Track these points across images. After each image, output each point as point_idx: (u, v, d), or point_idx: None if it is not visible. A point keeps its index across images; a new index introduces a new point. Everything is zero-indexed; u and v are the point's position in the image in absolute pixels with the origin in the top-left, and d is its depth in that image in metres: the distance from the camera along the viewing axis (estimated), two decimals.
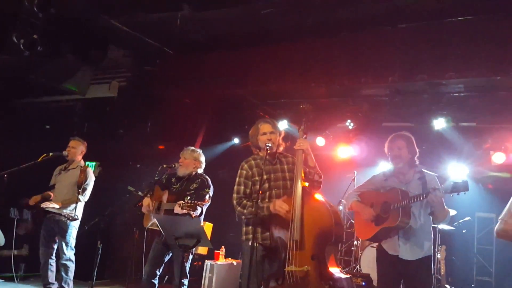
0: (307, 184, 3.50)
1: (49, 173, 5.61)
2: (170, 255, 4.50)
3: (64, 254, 5.14)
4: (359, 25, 5.68)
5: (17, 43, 5.32)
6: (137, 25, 6.33)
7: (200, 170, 4.76)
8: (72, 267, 5.21)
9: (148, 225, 4.60)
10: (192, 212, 4.10)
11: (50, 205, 5.10)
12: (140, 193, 5.04)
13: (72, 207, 5.17)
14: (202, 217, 4.51)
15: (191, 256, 4.56)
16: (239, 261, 6.48)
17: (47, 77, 7.23)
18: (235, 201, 3.63)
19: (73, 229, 5.20)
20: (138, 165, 7.44)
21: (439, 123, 6.77)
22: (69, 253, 5.18)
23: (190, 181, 4.63)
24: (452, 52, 5.35)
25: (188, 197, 4.25)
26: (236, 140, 8.58)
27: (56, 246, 5.23)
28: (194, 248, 3.94)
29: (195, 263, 6.75)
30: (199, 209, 4.24)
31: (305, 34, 6.03)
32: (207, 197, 4.45)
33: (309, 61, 6.25)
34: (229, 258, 6.66)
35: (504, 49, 5.09)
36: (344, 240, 8.03)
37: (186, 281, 4.40)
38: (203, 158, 4.78)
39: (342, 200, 7.52)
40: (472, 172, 7.22)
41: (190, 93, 7.35)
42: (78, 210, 5.22)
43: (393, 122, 8.05)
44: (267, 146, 3.53)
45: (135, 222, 4.89)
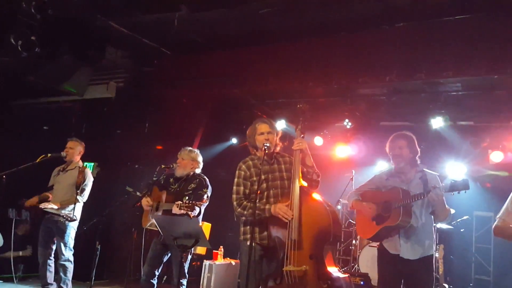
0: (305, 183, 3.51)
1: (48, 174, 5.61)
2: (169, 255, 4.51)
3: (63, 254, 5.14)
4: (356, 25, 5.69)
5: (15, 44, 5.33)
6: (134, 26, 6.34)
7: (198, 170, 4.76)
8: (70, 267, 5.21)
9: (146, 226, 4.61)
10: (190, 212, 4.11)
11: (49, 206, 5.10)
12: (138, 194, 5.05)
13: (71, 208, 5.17)
14: (200, 217, 4.52)
15: (189, 256, 4.56)
16: (237, 261, 6.48)
17: (45, 78, 7.23)
18: (235, 202, 3.63)
19: (72, 229, 5.20)
20: (136, 165, 7.44)
21: (437, 122, 6.77)
22: (68, 253, 5.18)
23: (188, 181, 4.63)
24: (450, 51, 5.36)
25: (186, 198, 4.25)
26: (234, 140, 8.59)
27: (54, 247, 5.23)
28: (192, 248, 3.95)
29: (193, 263, 6.75)
30: (197, 209, 4.24)
31: (303, 33, 6.03)
32: (205, 197, 4.45)
33: (307, 61, 6.26)
34: (228, 258, 6.66)
35: (501, 48, 5.10)
36: (342, 240, 8.05)
37: (184, 281, 4.40)
38: (201, 158, 4.79)
39: (341, 199, 7.54)
40: (470, 171, 7.24)
41: (188, 93, 7.36)
42: (77, 210, 5.22)
43: (391, 121, 8.06)
44: (265, 146, 3.53)
45: (134, 223, 4.89)
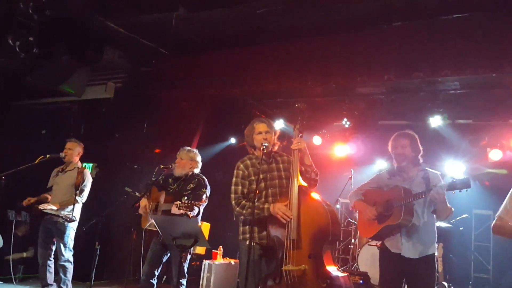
0: (304, 183, 3.51)
1: (47, 175, 5.61)
2: (168, 255, 4.51)
3: (62, 255, 5.14)
4: (354, 24, 5.69)
5: (12, 45, 5.32)
6: (132, 26, 6.33)
7: (197, 170, 4.76)
8: (70, 268, 5.21)
9: (146, 226, 4.60)
10: (189, 212, 4.11)
11: (48, 207, 5.11)
12: (137, 194, 5.05)
13: (70, 209, 5.18)
14: (199, 217, 4.52)
15: (189, 256, 4.57)
16: (237, 260, 6.48)
17: (43, 79, 7.24)
18: (233, 202, 3.63)
19: (71, 230, 5.20)
20: (135, 166, 7.44)
21: (436, 121, 6.79)
22: (67, 254, 5.18)
23: (187, 181, 4.63)
24: (448, 49, 5.36)
25: (185, 198, 4.25)
26: (233, 140, 8.58)
27: (54, 248, 5.24)
28: (192, 248, 3.95)
29: (193, 263, 6.76)
30: (196, 209, 4.24)
31: (301, 33, 6.04)
32: (204, 197, 4.46)
33: (305, 60, 6.26)
34: (227, 258, 6.67)
35: (499, 47, 5.11)
36: (341, 239, 8.05)
37: (184, 281, 4.41)
38: (200, 158, 4.79)
39: (340, 198, 7.55)
40: (469, 169, 7.25)
41: (186, 93, 7.36)
42: (76, 211, 5.22)
43: (389, 120, 8.08)
44: (264, 146, 3.53)
45: (133, 223, 4.89)
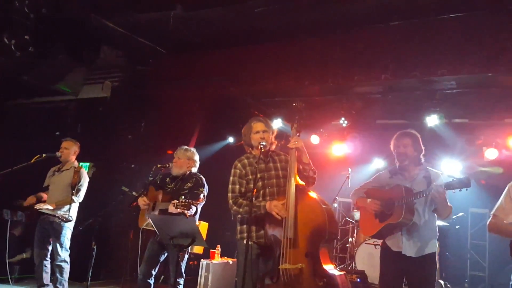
0: (301, 182, 3.51)
1: (43, 175, 5.59)
2: (166, 254, 4.50)
3: (59, 255, 5.12)
4: (352, 23, 5.71)
5: (8, 44, 5.30)
6: (129, 25, 6.32)
7: (195, 169, 4.75)
8: (67, 268, 5.19)
9: (143, 226, 4.60)
10: (186, 211, 4.10)
11: (44, 207, 5.08)
12: (134, 193, 5.03)
13: (66, 208, 5.15)
14: (197, 217, 4.51)
15: (186, 256, 4.56)
16: (235, 260, 6.48)
17: (39, 78, 7.21)
18: (231, 201, 3.63)
19: (68, 230, 5.18)
20: (133, 165, 7.43)
21: (432, 120, 6.80)
22: (64, 254, 5.16)
23: (184, 180, 4.63)
24: (444, 49, 5.38)
25: (182, 197, 4.24)
26: (231, 139, 8.58)
27: (50, 248, 5.21)
28: (189, 248, 3.94)
29: (190, 263, 6.76)
30: (193, 208, 4.24)
31: (299, 32, 6.04)
32: (201, 196, 4.45)
33: (303, 60, 6.27)
34: (225, 257, 6.67)
35: (495, 46, 5.13)
36: (338, 237, 8.07)
37: (181, 280, 4.41)
38: (197, 157, 4.78)
39: (337, 197, 7.56)
40: (465, 168, 7.28)
41: (184, 92, 7.34)
42: (72, 211, 5.20)
43: (386, 120, 8.10)
44: (261, 145, 3.53)
45: (130, 223, 4.88)
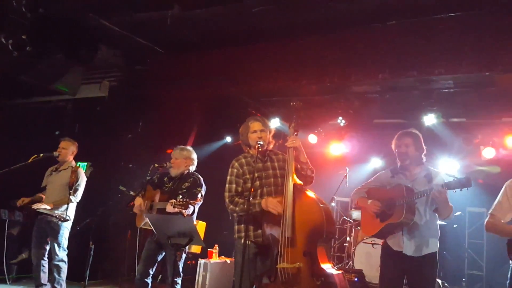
0: (299, 181, 3.51)
1: (41, 175, 5.58)
2: (163, 254, 4.50)
3: (57, 255, 5.11)
4: (349, 23, 5.70)
5: (5, 43, 5.29)
6: (127, 25, 6.30)
7: (193, 168, 4.74)
8: (64, 268, 5.18)
9: (140, 225, 4.59)
10: (184, 210, 4.09)
11: (42, 206, 5.08)
12: (131, 193, 5.03)
13: (64, 208, 5.15)
14: (194, 216, 4.51)
15: (184, 255, 4.55)
16: (232, 259, 6.48)
17: (37, 78, 7.19)
18: (227, 200, 3.65)
19: (65, 229, 5.18)
20: (130, 165, 7.42)
21: (430, 119, 6.81)
22: (62, 254, 5.15)
23: (182, 180, 4.62)
24: (442, 48, 5.39)
25: (180, 196, 4.24)
26: (229, 139, 8.58)
27: (48, 247, 5.20)
28: (187, 247, 3.94)
29: (188, 262, 6.75)
30: (191, 207, 4.23)
31: (296, 32, 6.04)
32: (199, 196, 4.44)
33: (300, 59, 6.27)
34: (223, 257, 6.67)
35: (492, 46, 5.13)
36: (336, 237, 8.08)
37: (179, 280, 4.40)
38: (195, 155, 4.77)
39: (335, 196, 7.58)
40: (463, 167, 7.30)
41: (182, 92, 7.33)
42: (70, 210, 5.20)
43: (384, 119, 8.11)
44: (259, 144, 3.53)
45: (128, 222, 4.88)
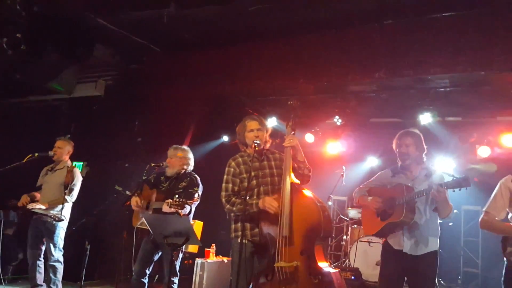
0: (296, 180, 3.52)
1: (36, 174, 5.55)
2: (160, 254, 4.49)
3: (52, 255, 5.09)
4: (346, 22, 5.71)
5: (0, 42, 5.25)
6: (123, 23, 6.28)
7: (190, 168, 4.73)
8: (60, 268, 5.16)
9: (137, 225, 4.58)
10: (180, 210, 4.09)
11: (37, 206, 5.05)
12: (128, 193, 5.01)
13: (59, 208, 5.11)
14: (191, 216, 4.50)
15: (181, 255, 4.55)
16: (229, 258, 6.47)
17: (32, 77, 7.15)
18: (224, 199, 3.64)
19: (61, 230, 5.15)
20: (126, 164, 7.39)
21: (426, 118, 6.83)
22: (57, 254, 5.13)
23: (179, 179, 4.61)
24: (438, 48, 5.41)
25: (176, 196, 4.23)
26: (225, 138, 8.57)
27: (44, 248, 5.18)
28: (184, 246, 3.93)
29: (185, 262, 6.74)
30: (187, 207, 4.23)
31: (293, 31, 6.04)
32: (196, 195, 4.44)
33: (297, 58, 6.27)
34: (220, 256, 6.66)
35: (488, 44, 5.16)
36: (333, 235, 8.09)
37: (176, 279, 4.40)
38: (191, 155, 4.76)
39: (331, 195, 7.59)
40: (459, 165, 7.32)
41: (178, 91, 7.32)
42: (65, 210, 5.17)
43: (380, 118, 8.13)
44: (255, 143, 3.53)
45: (124, 222, 4.86)
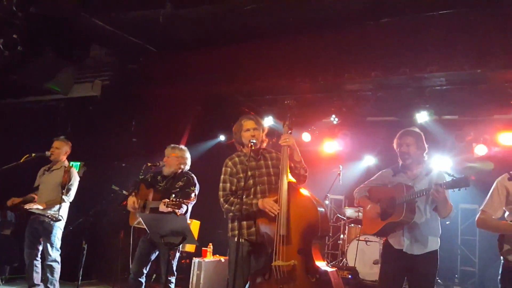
0: (293, 179, 3.52)
1: (34, 175, 5.54)
2: (157, 253, 4.49)
3: (49, 255, 5.09)
4: (342, 21, 5.71)
5: None
6: (119, 23, 6.27)
7: (186, 167, 4.73)
8: (57, 268, 5.16)
9: (134, 224, 4.58)
10: (177, 210, 4.09)
11: (34, 206, 5.05)
12: (124, 192, 5.01)
13: (56, 208, 5.12)
14: (188, 215, 4.50)
15: (177, 254, 4.55)
16: (227, 258, 6.47)
17: (28, 77, 7.14)
18: (221, 199, 3.65)
19: (58, 229, 5.15)
20: (123, 164, 7.39)
21: (422, 117, 6.83)
22: (55, 254, 5.13)
23: (176, 179, 4.61)
24: (434, 46, 5.42)
25: (173, 195, 4.23)
26: (222, 137, 8.56)
27: (41, 247, 5.18)
28: (181, 246, 3.94)
29: (183, 261, 6.74)
30: (184, 207, 4.23)
31: (289, 30, 6.04)
32: (192, 195, 4.44)
33: (293, 57, 6.27)
34: (217, 255, 6.67)
35: (484, 43, 5.17)
36: (330, 234, 8.11)
37: (173, 279, 4.40)
38: (188, 154, 4.76)
39: (328, 194, 7.60)
40: (455, 164, 7.33)
41: (175, 91, 7.32)
42: (63, 210, 5.18)
43: (377, 117, 8.14)
44: (252, 143, 3.54)
45: (121, 221, 4.86)
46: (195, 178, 4.64)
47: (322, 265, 3.34)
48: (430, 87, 6.37)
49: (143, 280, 4.41)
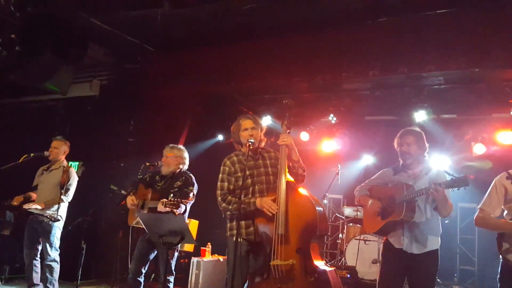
0: (291, 178, 3.53)
1: (33, 174, 5.54)
2: (156, 253, 4.49)
3: (49, 255, 5.09)
4: (340, 20, 5.71)
5: None
6: (117, 23, 6.27)
7: (185, 167, 4.74)
8: (57, 267, 5.16)
9: (132, 223, 4.58)
10: (175, 209, 4.09)
11: (33, 206, 5.05)
12: (123, 192, 5.01)
13: (55, 208, 5.12)
14: (186, 215, 4.51)
15: (176, 253, 4.56)
16: (225, 257, 6.48)
17: (26, 77, 7.10)
18: (219, 198, 3.65)
19: (57, 229, 5.15)
20: (122, 164, 7.39)
21: (420, 116, 6.84)
22: (54, 253, 5.13)
23: (174, 179, 4.61)
24: (432, 45, 5.42)
25: (171, 195, 4.23)
26: (220, 137, 8.57)
27: (40, 247, 5.18)
28: (179, 246, 3.94)
29: (181, 261, 6.75)
30: (182, 206, 4.23)
31: (287, 29, 6.04)
32: (191, 195, 4.44)
33: (291, 57, 6.27)
34: (216, 255, 6.67)
35: (482, 42, 5.18)
36: (329, 234, 8.12)
37: (171, 278, 4.40)
38: (186, 154, 4.76)
39: (327, 194, 7.61)
40: (454, 163, 7.35)
41: (173, 90, 7.32)
42: (61, 210, 5.17)
43: (375, 116, 8.15)
44: (250, 142, 3.54)
45: (120, 221, 4.86)
46: (193, 177, 4.64)
47: (320, 264, 3.34)
48: (428, 86, 6.39)
49: (142, 279, 4.41)
